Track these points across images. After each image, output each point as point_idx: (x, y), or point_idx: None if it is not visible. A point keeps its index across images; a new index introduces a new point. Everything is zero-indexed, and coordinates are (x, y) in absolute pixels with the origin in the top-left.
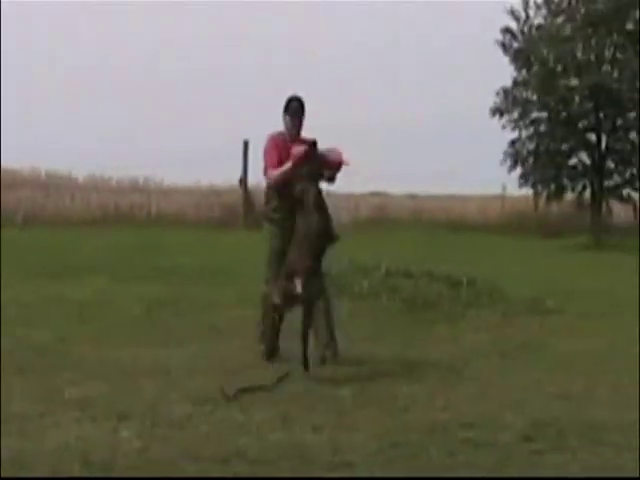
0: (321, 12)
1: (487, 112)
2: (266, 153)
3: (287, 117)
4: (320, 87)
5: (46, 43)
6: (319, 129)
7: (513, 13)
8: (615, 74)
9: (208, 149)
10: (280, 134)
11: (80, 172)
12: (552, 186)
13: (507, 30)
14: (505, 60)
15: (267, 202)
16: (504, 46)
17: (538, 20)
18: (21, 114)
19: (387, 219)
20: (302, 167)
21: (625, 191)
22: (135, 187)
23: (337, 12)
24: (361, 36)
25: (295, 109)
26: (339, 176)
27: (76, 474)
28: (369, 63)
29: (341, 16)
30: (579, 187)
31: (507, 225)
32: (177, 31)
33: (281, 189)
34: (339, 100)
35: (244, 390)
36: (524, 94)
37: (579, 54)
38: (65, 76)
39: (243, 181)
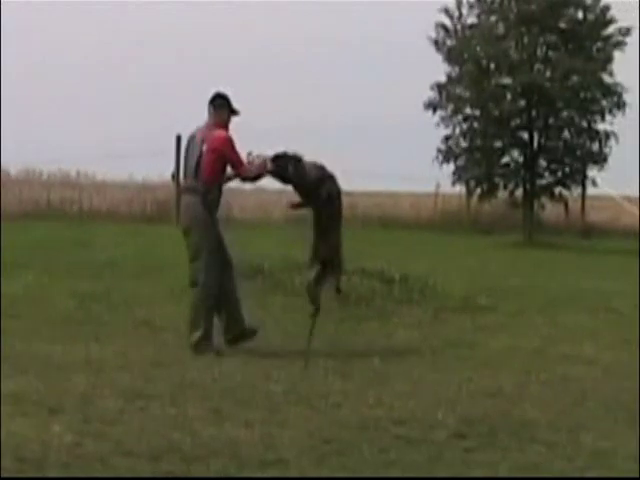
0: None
1: (422, 109)
2: (233, 151)
3: (227, 113)
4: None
5: None
6: (254, 130)
7: (447, 12)
8: (548, 73)
9: (141, 144)
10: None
11: (12, 165)
12: (484, 184)
13: (441, 26)
14: (439, 56)
15: (208, 192)
16: (437, 43)
17: (471, 19)
18: None
19: None
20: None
21: (557, 190)
22: (67, 181)
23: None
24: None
25: (232, 107)
26: None
27: (7, 469)
28: (308, 63)
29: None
30: (511, 185)
31: (440, 222)
32: (118, 26)
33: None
34: (279, 99)
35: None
36: (457, 90)
37: (512, 53)
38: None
39: (176, 176)
